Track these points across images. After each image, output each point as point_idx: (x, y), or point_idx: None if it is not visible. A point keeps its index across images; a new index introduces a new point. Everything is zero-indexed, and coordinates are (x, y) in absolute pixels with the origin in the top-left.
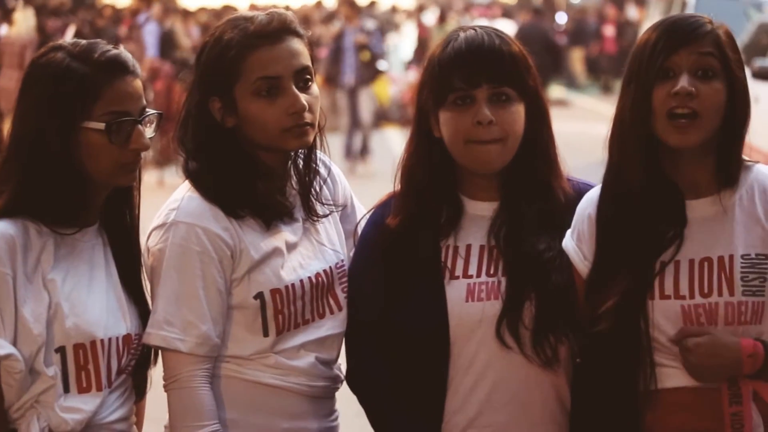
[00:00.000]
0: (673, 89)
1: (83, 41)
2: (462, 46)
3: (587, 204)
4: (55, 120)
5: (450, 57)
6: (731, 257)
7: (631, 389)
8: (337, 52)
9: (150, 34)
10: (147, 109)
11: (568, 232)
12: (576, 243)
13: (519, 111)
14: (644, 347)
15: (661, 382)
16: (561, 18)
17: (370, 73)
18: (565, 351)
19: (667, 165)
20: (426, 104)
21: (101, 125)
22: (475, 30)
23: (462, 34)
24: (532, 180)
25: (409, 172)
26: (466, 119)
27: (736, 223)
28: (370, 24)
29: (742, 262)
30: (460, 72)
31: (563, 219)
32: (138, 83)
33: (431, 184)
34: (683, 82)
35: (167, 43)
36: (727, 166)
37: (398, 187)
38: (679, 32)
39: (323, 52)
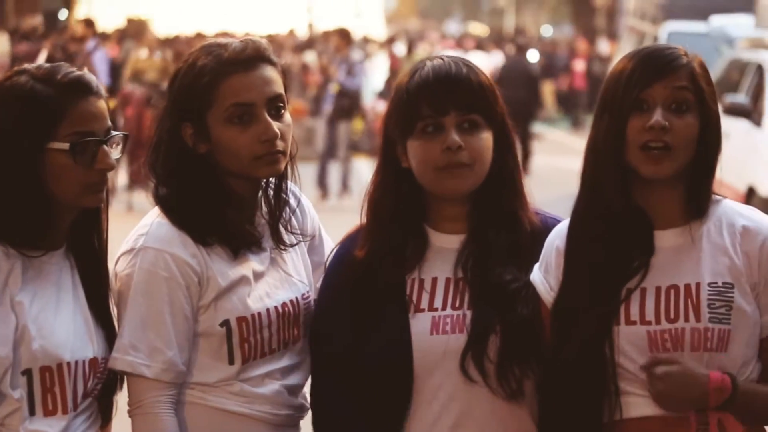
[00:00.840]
0: (648, 123)
1: (47, 64)
2: (429, 75)
3: (555, 236)
4: (21, 142)
5: (417, 85)
6: (698, 285)
7: (596, 419)
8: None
9: (100, 62)
10: (112, 131)
11: (536, 266)
12: (543, 274)
13: (487, 138)
14: (610, 375)
15: (627, 412)
16: (533, 56)
17: (347, 107)
18: (531, 384)
19: (637, 195)
20: (393, 134)
21: (66, 146)
22: (442, 59)
23: (429, 63)
24: (499, 210)
25: (375, 203)
26: (435, 147)
27: (704, 253)
28: (356, 56)
29: (708, 290)
30: (427, 100)
31: (530, 250)
32: (102, 104)
33: (397, 215)
34: (657, 116)
35: (116, 71)
36: (697, 197)
37: (365, 219)
38: (655, 64)
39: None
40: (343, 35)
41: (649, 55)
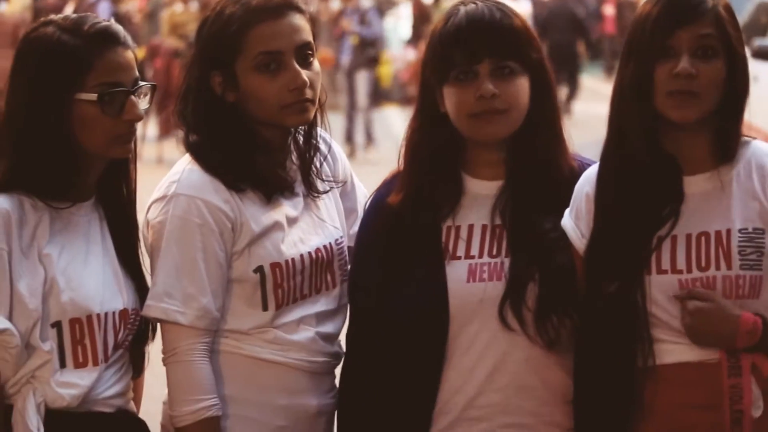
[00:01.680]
0: (675, 70)
1: (73, 15)
2: (462, 21)
3: (585, 182)
4: (48, 93)
5: (450, 33)
6: (728, 231)
7: (630, 365)
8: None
9: (103, 13)
10: (140, 81)
11: (567, 212)
12: (574, 221)
13: (523, 84)
14: (642, 323)
15: (660, 358)
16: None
17: (364, 57)
18: (568, 332)
19: (665, 140)
20: (430, 81)
21: (93, 96)
22: (475, 4)
23: (462, 8)
24: (537, 155)
25: (412, 148)
26: (468, 94)
27: (734, 198)
28: (365, 3)
29: (739, 236)
30: (461, 48)
31: (568, 197)
32: (130, 54)
33: (434, 160)
34: (684, 63)
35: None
36: (725, 141)
37: (401, 164)
38: (680, 9)
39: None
40: None
41: (673, 0)
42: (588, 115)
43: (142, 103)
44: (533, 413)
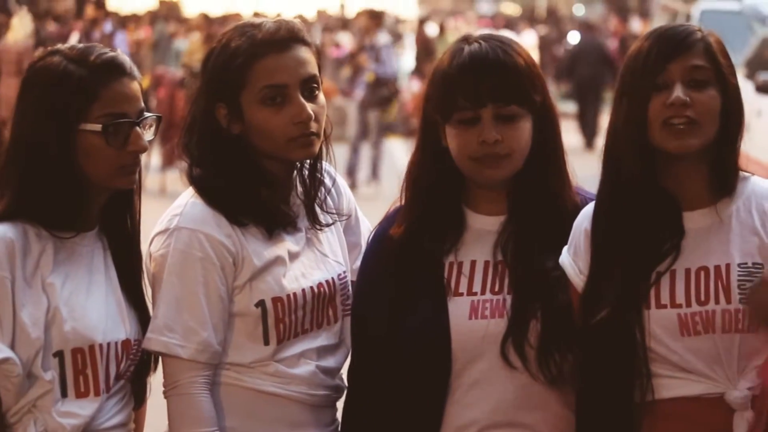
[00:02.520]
0: (669, 100)
1: (80, 45)
2: (466, 64)
3: (583, 218)
4: (53, 123)
5: (454, 76)
6: (728, 266)
7: (628, 401)
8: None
9: (122, 44)
10: (145, 112)
11: (565, 249)
12: (572, 257)
13: (525, 127)
14: (640, 358)
15: (658, 393)
16: (573, 37)
17: (377, 96)
18: (570, 368)
19: (663, 176)
20: (432, 116)
21: (98, 127)
22: (479, 43)
23: (467, 48)
24: (540, 190)
25: (414, 182)
26: (471, 137)
27: (733, 233)
28: (382, 39)
29: (739, 271)
30: (464, 92)
31: (570, 231)
32: (135, 85)
33: (436, 193)
34: (678, 92)
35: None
36: (723, 174)
37: (404, 198)
38: (670, 43)
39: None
40: (373, 16)
41: (663, 34)
42: (590, 149)
43: (147, 135)
44: None
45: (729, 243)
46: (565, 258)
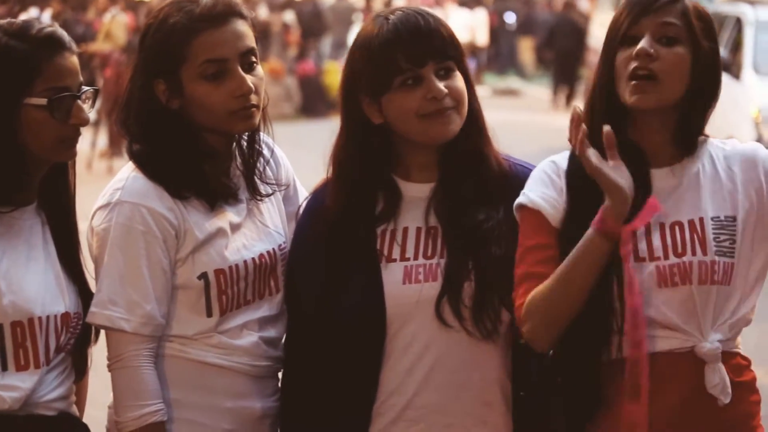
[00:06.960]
0: (634, 51)
1: (18, 20)
2: (399, 28)
3: (548, 165)
4: None
5: (389, 41)
6: (701, 219)
7: (595, 359)
8: None
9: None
10: (83, 86)
11: (524, 191)
12: (541, 192)
13: (462, 80)
14: (616, 313)
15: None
16: (509, 17)
17: None
18: (505, 325)
19: (632, 132)
20: (360, 91)
21: (43, 101)
22: (402, 12)
23: (391, 17)
24: (466, 151)
25: (342, 163)
26: (416, 97)
27: (702, 189)
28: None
29: (713, 224)
30: (404, 54)
31: (499, 190)
32: (75, 59)
33: (367, 173)
34: (643, 43)
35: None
36: (685, 134)
37: (330, 175)
38: (644, 2)
39: None
40: None
41: None
42: (531, 126)
43: (86, 107)
44: (470, 414)
45: (699, 199)
46: (532, 195)
